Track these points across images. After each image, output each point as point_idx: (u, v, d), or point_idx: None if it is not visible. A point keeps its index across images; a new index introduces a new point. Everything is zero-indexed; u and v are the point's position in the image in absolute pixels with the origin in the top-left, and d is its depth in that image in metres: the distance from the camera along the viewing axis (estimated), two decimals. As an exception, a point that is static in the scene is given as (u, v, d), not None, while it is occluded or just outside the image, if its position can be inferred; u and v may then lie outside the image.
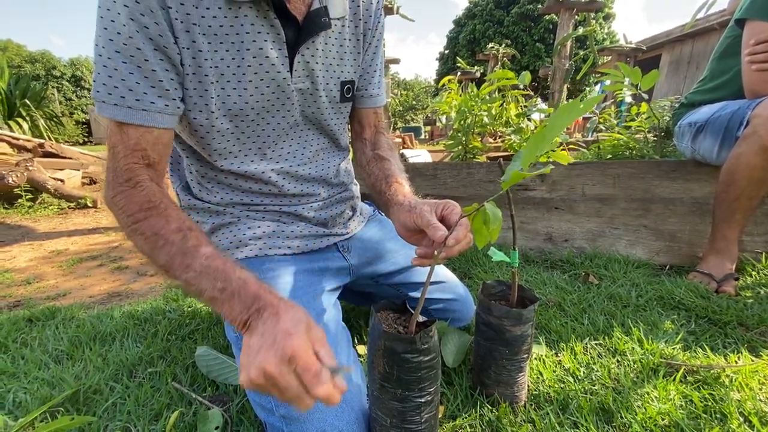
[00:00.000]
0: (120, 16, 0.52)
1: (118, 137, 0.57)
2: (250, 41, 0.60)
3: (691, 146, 1.37)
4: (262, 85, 0.64)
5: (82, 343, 1.01)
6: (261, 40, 0.61)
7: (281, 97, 0.67)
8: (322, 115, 0.75)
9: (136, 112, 0.55)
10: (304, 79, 0.69)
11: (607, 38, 17.68)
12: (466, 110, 2.09)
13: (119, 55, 0.53)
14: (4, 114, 4.69)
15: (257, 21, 0.60)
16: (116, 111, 0.55)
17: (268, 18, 0.60)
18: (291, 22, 0.63)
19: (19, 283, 1.63)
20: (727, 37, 1.30)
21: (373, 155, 0.82)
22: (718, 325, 0.97)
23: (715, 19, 6.03)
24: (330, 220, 0.82)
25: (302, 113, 0.73)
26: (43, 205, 3.08)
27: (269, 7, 0.59)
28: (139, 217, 0.56)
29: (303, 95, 0.70)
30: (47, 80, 22.88)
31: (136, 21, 0.52)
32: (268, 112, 0.68)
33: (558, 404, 0.71)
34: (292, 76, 0.66)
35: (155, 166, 0.60)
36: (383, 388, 0.57)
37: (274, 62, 0.63)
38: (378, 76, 0.82)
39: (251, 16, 0.59)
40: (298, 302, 0.67)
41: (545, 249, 1.53)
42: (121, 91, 0.54)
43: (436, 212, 0.59)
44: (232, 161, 0.70)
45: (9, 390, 0.82)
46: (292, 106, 0.69)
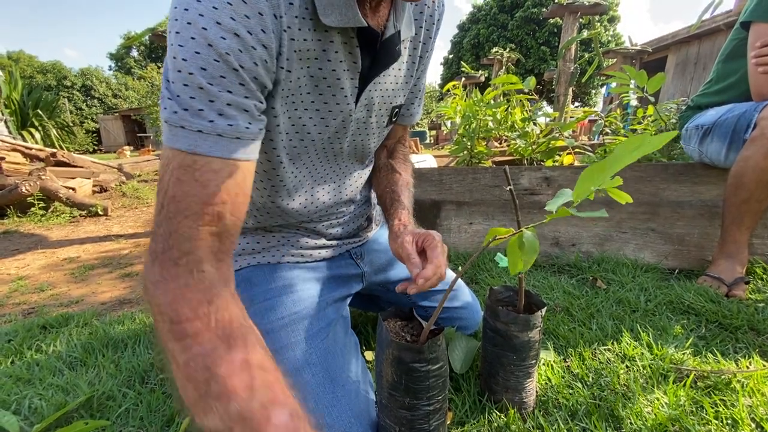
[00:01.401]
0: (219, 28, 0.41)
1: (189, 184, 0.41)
2: (329, 71, 0.55)
3: (698, 149, 1.36)
4: (329, 117, 0.60)
5: (95, 349, 1.02)
6: (340, 70, 0.56)
7: (338, 128, 0.63)
8: (368, 140, 0.71)
9: (229, 141, 0.42)
10: (362, 109, 0.64)
11: (612, 40, 17.61)
12: (471, 115, 2.10)
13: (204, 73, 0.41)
14: (17, 124, 4.79)
15: (341, 49, 0.54)
16: (200, 140, 0.41)
17: (350, 45, 0.54)
18: (367, 51, 0.57)
19: (33, 291, 1.66)
20: (732, 39, 1.30)
21: (386, 163, 0.82)
22: (728, 329, 0.96)
23: (722, 19, 5.99)
24: (345, 234, 0.82)
25: (350, 142, 0.69)
26: (55, 214, 3.14)
27: (353, 35, 0.54)
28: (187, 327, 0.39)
29: (357, 125, 0.66)
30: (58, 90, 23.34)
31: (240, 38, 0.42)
32: (320, 134, 0.62)
33: (567, 410, 0.71)
34: (356, 107, 0.62)
35: (226, 235, 0.44)
36: (392, 396, 0.58)
37: (347, 93, 0.59)
38: (420, 95, 0.79)
39: (337, 43, 0.53)
40: (309, 312, 0.69)
41: (552, 253, 1.52)
42: (207, 113, 0.41)
43: (417, 243, 0.61)
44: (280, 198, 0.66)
45: (24, 396, 0.84)
46: (345, 135, 0.65)
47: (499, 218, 1.60)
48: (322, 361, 0.63)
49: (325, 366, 0.63)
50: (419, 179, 1.70)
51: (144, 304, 0.35)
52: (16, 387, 0.88)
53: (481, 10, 19.45)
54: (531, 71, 17.35)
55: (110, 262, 2.03)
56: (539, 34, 17.38)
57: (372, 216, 0.90)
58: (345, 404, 0.59)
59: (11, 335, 1.15)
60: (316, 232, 0.77)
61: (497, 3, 18.57)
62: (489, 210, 1.62)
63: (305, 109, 0.56)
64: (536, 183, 1.56)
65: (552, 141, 2.02)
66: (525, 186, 1.57)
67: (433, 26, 0.68)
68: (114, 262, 2.03)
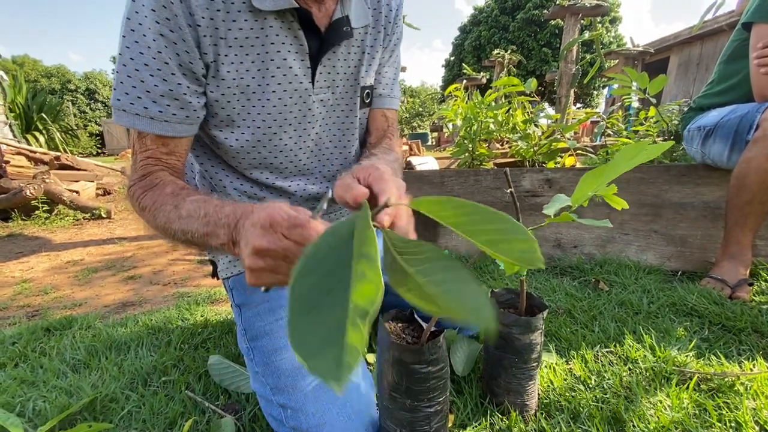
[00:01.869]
0: (150, 31, 0.53)
1: (138, 144, 0.60)
2: (274, 52, 0.61)
3: (701, 150, 1.36)
4: (285, 96, 0.64)
5: (98, 352, 1.03)
6: (285, 51, 0.61)
7: (302, 109, 0.67)
8: (343, 123, 0.75)
9: (158, 122, 0.58)
10: (325, 90, 0.69)
11: (614, 41, 17.59)
12: (472, 117, 2.10)
13: (147, 68, 0.55)
14: (21, 128, 4.83)
15: (281, 32, 0.60)
16: (137, 120, 0.57)
17: (292, 29, 0.61)
18: (314, 33, 0.63)
19: (37, 293, 1.67)
20: (734, 40, 1.30)
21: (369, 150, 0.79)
22: (732, 331, 0.95)
23: (724, 20, 5.97)
24: None
25: (325, 126, 0.73)
26: (59, 217, 3.15)
27: (294, 18, 0.60)
28: (142, 195, 0.59)
29: (325, 107, 0.70)
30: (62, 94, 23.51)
31: (165, 37, 0.54)
32: (290, 125, 0.68)
33: (569, 413, 0.71)
34: (314, 87, 0.67)
35: (172, 167, 0.63)
36: (393, 398, 0.58)
37: (297, 73, 0.64)
38: (390, 78, 0.81)
39: (276, 27, 0.59)
40: None
41: (554, 255, 1.52)
42: (144, 101, 0.56)
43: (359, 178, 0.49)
44: (251, 172, 0.71)
45: (28, 398, 0.84)
46: (313, 117, 0.69)
47: (501, 220, 1.60)
48: None
49: None
50: (420, 181, 1.70)
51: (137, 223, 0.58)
52: (20, 389, 0.89)
53: (483, 11, 19.49)
54: (532, 73, 17.35)
55: (113, 264, 2.04)
56: (540, 36, 17.39)
57: None
58: (345, 402, 0.60)
59: (15, 338, 1.16)
60: None
61: (498, 5, 18.60)
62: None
63: (258, 85, 0.62)
64: (538, 185, 1.56)
65: (554, 143, 2.02)
66: (526, 188, 1.56)
67: (392, 13, 0.74)
68: (117, 264, 2.03)
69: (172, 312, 1.28)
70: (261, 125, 0.65)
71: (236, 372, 0.84)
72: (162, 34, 0.53)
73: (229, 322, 1.17)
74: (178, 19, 0.53)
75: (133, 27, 0.53)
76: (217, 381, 0.85)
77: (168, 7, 0.52)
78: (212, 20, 0.55)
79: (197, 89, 0.60)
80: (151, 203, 0.57)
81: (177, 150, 0.62)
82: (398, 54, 0.81)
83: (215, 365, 0.87)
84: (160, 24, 0.53)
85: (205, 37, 0.56)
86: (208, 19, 0.55)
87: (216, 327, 1.14)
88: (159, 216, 0.55)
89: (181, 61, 0.56)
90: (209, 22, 0.55)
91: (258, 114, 0.64)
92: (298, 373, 0.62)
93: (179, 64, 0.56)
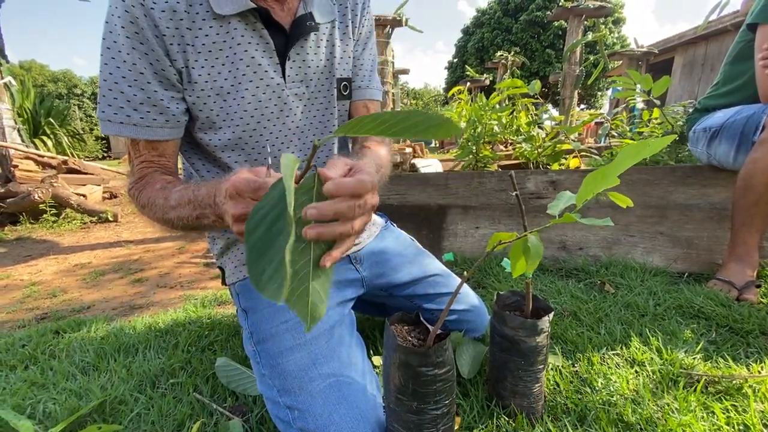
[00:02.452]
0: (123, 47, 0.59)
1: (132, 151, 0.67)
2: (242, 52, 0.64)
3: (706, 151, 1.35)
4: (258, 92, 0.68)
5: (107, 354, 1.04)
6: (252, 50, 0.65)
7: (278, 104, 0.70)
8: (324, 116, 0.77)
9: (141, 128, 0.63)
10: (299, 84, 0.72)
11: (618, 42, 17.53)
12: (476, 120, 2.11)
13: (125, 80, 0.60)
14: (29, 132, 4.89)
15: (246, 33, 0.64)
16: (122, 128, 0.62)
17: (257, 29, 0.65)
18: (279, 31, 0.67)
19: (46, 296, 1.69)
20: (739, 41, 1.30)
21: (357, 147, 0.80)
22: (739, 334, 0.95)
23: (729, 20, 5.94)
24: None
25: (305, 119, 0.75)
26: (66, 220, 3.19)
27: (256, 19, 0.64)
28: (139, 195, 0.64)
29: (302, 101, 0.73)
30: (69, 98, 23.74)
31: (136, 50, 0.59)
32: (269, 121, 0.71)
33: (576, 415, 0.71)
34: (286, 82, 0.70)
35: (164, 167, 0.68)
36: (399, 400, 0.58)
37: (267, 69, 0.67)
38: (367, 70, 0.83)
39: (240, 28, 0.64)
40: None
41: (559, 257, 1.52)
42: (126, 110, 0.61)
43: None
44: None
45: (39, 400, 0.86)
46: (291, 111, 0.72)
47: (506, 222, 1.60)
48: (329, 361, 0.64)
49: (332, 366, 0.64)
50: (425, 184, 1.70)
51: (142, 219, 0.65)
52: (30, 391, 0.90)
53: (485, 13, 19.50)
54: (536, 74, 17.32)
55: (120, 267, 2.06)
56: (544, 37, 17.37)
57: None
58: (352, 403, 0.60)
59: (25, 340, 1.17)
60: None
61: (501, 7, 18.61)
62: (495, 214, 1.62)
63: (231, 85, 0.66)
64: (542, 187, 1.55)
65: (558, 144, 2.02)
66: (531, 190, 1.56)
67: (358, 6, 0.78)
68: (124, 267, 2.05)
69: (179, 314, 1.29)
70: (240, 123, 0.68)
71: (243, 374, 0.85)
72: (134, 48, 0.59)
73: (236, 324, 1.17)
74: (144, 31, 0.58)
75: (109, 45, 0.59)
76: (225, 383, 0.86)
77: (135, 22, 0.58)
78: (177, 29, 0.60)
79: (174, 95, 0.64)
80: (146, 200, 0.63)
81: (166, 152, 0.68)
82: (372, 47, 0.84)
83: (222, 367, 0.87)
84: (130, 38, 0.58)
85: (172, 45, 0.61)
86: (173, 29, 0.60)
87: (223, 329, 1.15)
88: (156, 210, 0.61)
89: (154, 69, 0.61)
90: (174, 31, 0.60)
91: (236, 113, 0.68)
92: (304, 375, 0.63)
93: (154, 73, 0.61)
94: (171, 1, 0.59)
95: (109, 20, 0.59)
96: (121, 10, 0.57)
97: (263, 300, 0.72)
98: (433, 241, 1.66)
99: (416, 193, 1.70)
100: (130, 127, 0.62)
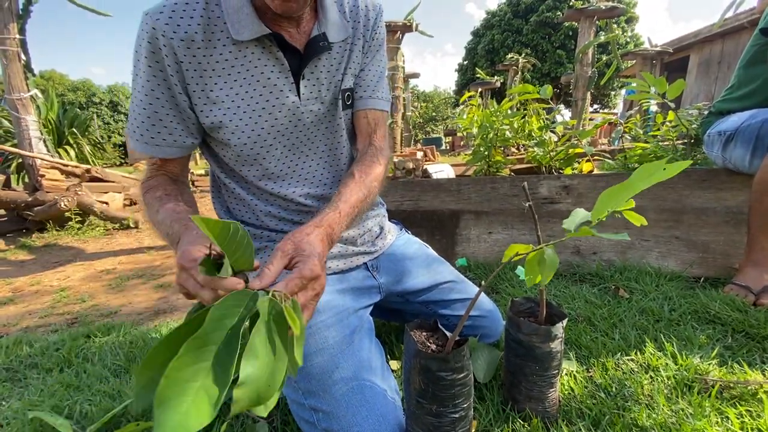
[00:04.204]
0: (144, 73, 0.66)
1: (148, 160, 0.76)
2: (258, 74, 0.70)
3: (721, 155, 1.35)
4: (275, 111, 0.72)
5: (137, 357, 1.09)
6: (268, 72, 0.70)
7: (293, 120, 0.75)
8: (331, 123, 0.81)
9: (152, 147, 0.71)
10: (313, 101, 0.76)
11: (631, 41, 17.25)
12: (488, 126, 2.12)
13: (142, 103, 0.68)
14: (54, 142, 5.07)
15: (263, 56, 0.69)
16: (137, 145, 0.71)
17: (272, 52, 0.69)
18: (294, 53, 0.71)
19: (75, 301, 1.77)
20: (753, 45, 1.29)
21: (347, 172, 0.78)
22: (755, 339, 0.95)
23: (745, 17, 5.82)
24: (359, 237, 0.86)
25: (315, 130, 0.79)
26: (90, 227, 3.30)
27: (272, 43, 0.69)
28: (145, 193, 0.72)
29: (316, 116, 0.77)
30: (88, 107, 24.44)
31: (156, 77, 0.66)
32: (283, 135, 0.75)
33: (590, 420, 0.72)
34: (301, 100, 0.74)
35: (170, 172, 0.76)
36: (419, 404, 0.61)
37: (282, 89, 0.72)
38: (371, 80, 0.83)
39: (257, 52, 0.69)
40: (333, 321, 0.73)
41: (573, 262, 1.52)
42: (141, 130, 0.70)
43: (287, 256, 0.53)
44: (266, 183, 0.78)
45: (75, 402, 0.91)
46: (304, 126, 0.77)
47: (519, 227, 1.62)
48: (350, 365, 0.68)
49: (353, 370, 0.67)
50: (437, 189, 1.73)
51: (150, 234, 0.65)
52: (67, 393, 0.95)
53: (495, 15, 19.43)
54: (547, 75, 17.17)
55: (144, 273, 2.13)
56: (555, 38, 17.21)
57: (384, 225, 0.95)
58: (373, 405, 0.63)
59: (59, 344, 1.24)
60: None
61: (511, 8, 18.52)
62: (508, 219, 1.63)
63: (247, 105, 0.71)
64: (555, 192, 1.57)
65: (570, 148, 2.02)
66: (544, 195, 1.58)
67: (370, 22, 0.82)
68: (147, 273, 2.13)
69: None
70: (257, 139, 0.73)
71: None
72: (154, 75, 0.66)
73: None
74: (164, 60, 0.65)
75: (136, 71, 0.68)
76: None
77: (157, 53, 0.65)
78: (194, 57, 0.66)
79: (187, 118, 0.71)
80: (147, 201, 0.71)
81: (173, 165, 0.76)
82: (381, 57, 0.86)
83: (247, 371, 0.92)
84: (151, 67, 0.66)
85: (188, 71, 0.67)
86: (190, 56, 0.66)
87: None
88: (149, 213, 0.69)
89: (172, 93, 0.68)
90: (191, 59, 0.66)
91: (252, 130, 0.72)
92: (327, 378, 0.66)
93: (171, 96, 0.68)
94: (190, 32, 0.64)
95: (138, 50, 0.67)
96: (145, 41, 0.64)
97: None
98: (446, 246, 1.69)
99: (429, 198, 1.73)
100: (142, 144, 0.71)
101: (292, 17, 0.69)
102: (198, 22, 0.65)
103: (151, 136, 0.70)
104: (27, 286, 2.03)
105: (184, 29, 0.64)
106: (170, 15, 0.64)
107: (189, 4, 0.65)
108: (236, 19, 0.66)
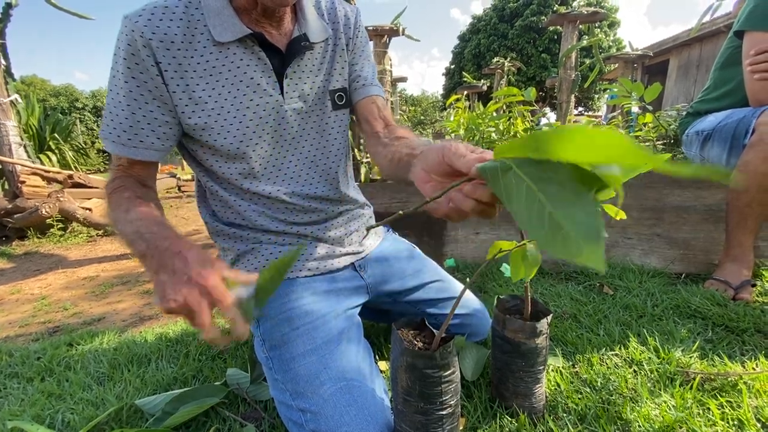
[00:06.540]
0: (123, 75, 0.65)
1: (114, 162, 0.74)
2: (241, 74, 0.70)
3: (700, 154, 1.39)
4: (259, 109, 0.73)
5: (121, 365, 1.07)
6: (251, 71, 0.71)
7: (276, 118, 0.75)
8: (320, 126, 0.82)
9: (129, 148, 0.69)
10: (296, 100, 0.77)
11: (614, 45, 17.65)
12: (474, 128, 2.15)
13: (120, 104, 0.67)
14: (35, 148, 4.96)
15: (245, 56, 0.70)
16: (114, 146, 0.69)
17: (255, 52, 0.70)
18: (276, 53, 0.73)
19: (57, 309, 1.72)
20: (727, 47, 1.34)
21: (391, 138, 0.78)
22: (735, 332, 0.97)
23: (722, 21, 6.01)
24: (346, 238, 0.87)
25: (301, 130, 0.79)
26: (73, 234, 3.23)
27: (254, 43, 0.70)
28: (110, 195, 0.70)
29: (300, 114, 0.78)
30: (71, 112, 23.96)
31: (136, 78, 0.66)
32: (267, 134, 0.75)
33: (576, 414, 0.74)
34: (285, 99, 0.75)
35: (137, 176, 0.74)
36: (406, 401, 0.61)
37: (266, 88, 0.72)
38: (365, 71, 0.86)
39: (239, 53, 0.69)
40: (321, 321, 0.73)
41: (559, 261, 1.54)
42: (118, 131, 0.68)
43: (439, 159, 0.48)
44: (250, 183, 0.77)
45: (57, 410, 0.89)
46: (288, 125, 0.77)
47: (505, 227, 1.64)
48: (338, 366, 0.68)
49: (341, 370, 0.67)
50: (426, 191, 1.74)
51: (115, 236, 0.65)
52: (48, 402, 0.93)
53: (481, 20, 19.67)
54: (532, 79, 17.44)
55: (128, 279, 2.09)
56: (539, 42, 17.51)
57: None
58: (362, 405, 0.63)
59: (40, 353, 1.20)
60: (314, 237, 0.83)
61: (497, 13, 18.79)
62: (494, 219, 1.65)
63: (231, 104, 0.71)
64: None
65: (555, 150, 2.05)
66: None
67: (350, 22, 0.84)
68: (132, 279, 2.09)
69: (188, 324, 1.32)
70: (242, 138, 0.73)
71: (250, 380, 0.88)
72: (133, 77, 0.66)
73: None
74: (144, 62, 0.65)
75: (114, 72, 0.67)
76: (236, 391, 0.88)
77: (136, 54, 0.64)
78: (174, 58, 0.66)
79: (169, 120, 0.70)
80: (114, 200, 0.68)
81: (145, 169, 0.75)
82: (369, 55, 0.89)
83: (233, 376, 0.91)
84: (130, 68, 0.65)
85: (167, 72, 0.66)
86: (169, 58, 0.66)
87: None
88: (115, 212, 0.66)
89: (153, 95, 0.67)
90: (171, 60, 0.66)
91: (237, 129, 0.72)
92: (315, 379, 0.66)
93: (153, 98, 0.68)
94: (170, 33, 0.65)
95: (117, 52, 0.66)
96: (125, 43, 0.64)
97: (275, 308, 0.75)
98: (434, 248, 1.69)
99: (417, 200, 1.73)
100: (119, 145, 0.70)
101: (274, 16, 0.71)
102: (178, 24, 0.65)
103: (128, 138, 0.69)
104: (7, 295, 1.98)
105: (164, 31, 0.64)
106: (149, 17, 0.64)
107: (168, 8, 0.65)
108: (217, 21, 0.66)
